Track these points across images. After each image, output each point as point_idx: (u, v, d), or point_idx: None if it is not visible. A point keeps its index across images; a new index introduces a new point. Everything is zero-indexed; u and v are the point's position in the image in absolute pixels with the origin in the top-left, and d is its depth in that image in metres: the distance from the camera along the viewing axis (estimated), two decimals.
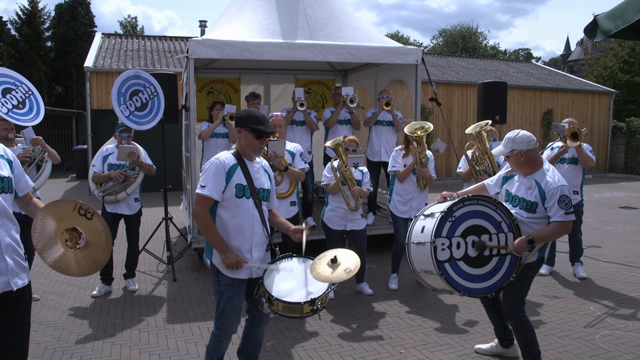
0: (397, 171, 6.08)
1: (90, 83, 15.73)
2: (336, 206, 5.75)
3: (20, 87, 5.75)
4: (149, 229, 8.07)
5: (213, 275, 3.62)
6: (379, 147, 7.88)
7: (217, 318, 3.62)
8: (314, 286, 3.42)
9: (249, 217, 3.55)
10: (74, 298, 5.99)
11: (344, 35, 7.70)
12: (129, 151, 5.89)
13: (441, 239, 3.69)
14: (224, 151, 3.65)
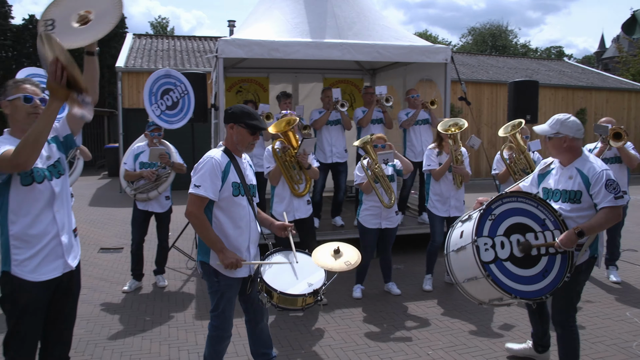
0: (432, 170, 6.02)
1: (122, 83, 16.00)
2: (371, 205, 5.71)
3: None
4: (179, 227, 8.17)
5: (210, 277, 3.52)
6: (420, 146, 7.79)
7: (215, 318, 3.56)
8: (312, 278, 3.49)
9: (246, 215, 3.53)
10: (105, 293, 6.10)
11: (372, 34, 7.67)
12: (159, 153, 5.97)
13: (483, 238, 3.44)
14: (214, 149, 3.58)
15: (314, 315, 5.36)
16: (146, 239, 6.33)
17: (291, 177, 5.50)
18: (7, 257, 2.85)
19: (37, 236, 2.87)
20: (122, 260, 7.54)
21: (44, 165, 2.94)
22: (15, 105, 2.90)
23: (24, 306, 2.87)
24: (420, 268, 6.82)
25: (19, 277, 2.84)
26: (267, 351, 3.84)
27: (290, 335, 4.88)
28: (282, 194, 5.54)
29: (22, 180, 2.83)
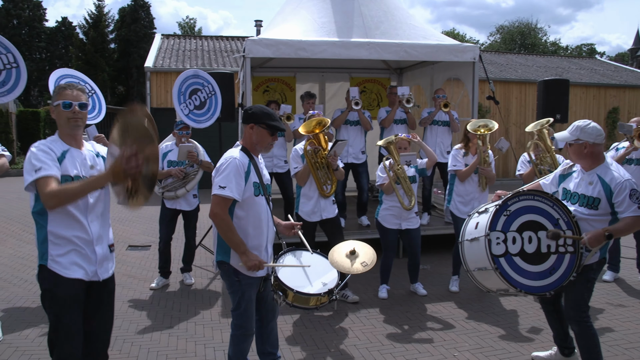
0: (458, 170, 5.96)
1: (150, 82, 16.20)
2: (391, 205, 5.70)
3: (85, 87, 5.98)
4: (206, 225, 8.24)
5: (230, 276, 3.53)
6: (434, 147, 7.76)
7: (238, 317, 3.57)
8: (326, 277, 3.58)
9: (265, 215, 3.56)
10: (134, 289, 6.19)
11: (400, 33, 7.63)
12: (188, 150, 6.04)
13: (496, 232, 3.58)
14: (233, 149, 3.58)
15: (339, 314, 5.36)
16: (174, 237, 6.41)
17: (320, 177, 5.51)
18: (45, 252, 2.94)
19: (67, 238, 2.94)
20: (149, 258, 7.65)
21: (86, 174, 3.02)
22: (58, 110, 3.01)
23: (63, 300, 2.93)
24: (446, 269, 6.77)
25: (54, 272, 2.91)
26: (273, 351, 3.86)
27: (315, 334, 4.89)
28: (309, 194, 5.55)
29: None
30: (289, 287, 3.39)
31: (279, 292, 3.43)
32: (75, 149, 3.03)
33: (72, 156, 2.99)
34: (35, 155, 2.86)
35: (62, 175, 2.91)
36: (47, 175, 2.81)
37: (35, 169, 2.82)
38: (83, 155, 3.06)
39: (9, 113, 19.19)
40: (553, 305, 4.12)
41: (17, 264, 7.16)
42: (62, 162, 2.93)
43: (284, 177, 7.45)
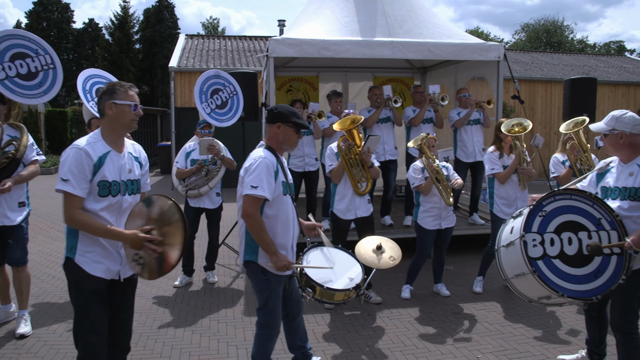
0: (497, 173, 5.87)
1: (174, 82, 16.39)
2: (430, 207, 5.63)
3: None
4: (229, 224, 8.30)
5: (259, 275, 3.54)
6: (472, 147, 7.68)
7: (264, 315, 3.59)
8: (351, 272, 3.66)
9: (291, 213, 3.60)
10: (157, 287, 6.26)
11: (423, 32, 7.59)
12: (208, 143, 6.05)
13: (532, 234, 3.38)
14: (259, 149, 3.60)
15: (362, 315, 5.35)
16: (197, 236, 6.46)
17: (354, 175, 5.50)
18: (74, 245, 2.99)
19: (95, 238, 3.00)
20: None
21: (124, 178, 3.07)
22: (122, 110, 3.01)
23: (87, 293, 2.99)
24: (469, 270, 6.71)
25: (79, 266, 2.98)
26: (303, 344, 3.92)
27: (337, 334, 4.89)
28: (344, 191, 5.56)
29: (100, 192, 2.97)
30: (317, 284, 3.45)
31: (308, 288, 3.47)
32: (115, 152, 3.05)
33: (112, 160, 3.02)
34: (71, 164, 2.89)
35: (100, 181, 2.96)
36: (71, 193, 2.88)
37: (63, 178, 2.88)
38: (122, 159, 3.09)
39: (38, 113, 19.57)
40: (597, 311, 3.95)
41: (45, 260, 7.29)
42: (100, 167, 2.96)
43: (314, 175, 7.50)
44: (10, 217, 4.70)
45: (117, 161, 3.05)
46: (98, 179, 2.95)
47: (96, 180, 2.95)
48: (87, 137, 3.04)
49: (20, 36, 4.80)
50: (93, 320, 3.02)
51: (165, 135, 24.71)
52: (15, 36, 4.77)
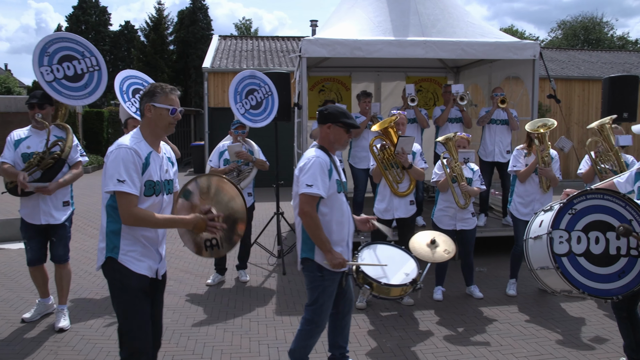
0: (517, 171, 5.82)
1: (208, 83, 16.57)
2: (446, 205, 5.63)
3: None
4: (261, 223, 8.35)
5: (314, 272, 3.62)
6: (492, 146, 7.61)
7: (312, 311, 3.64)
8: (406, 267, 3.75)
9: (346, 211, 3.67)
10: (190, 285, 6.35)
11: (457, 31, 7.51)
12: (236, 150, 6.12)
13: (559, 231, 3.43)
14: (311, 149, 3.70)
15: (393, 316, 5.33)
16: None
17: (391, 175, 5.49)
18: (116, 245, 3.02)
19: (136, 236, 3.05)
20: None
21: (163, 178, 3.14)
22: (160, 113, 3.05)
23: (134, 291, 3.04)
24: (503, 272, 6.61)
25: (125, 265, 3.02)
26: (344, 344, 3.94)
27: (369, 334, 4.87)
28: (383, 192, 5.58)
29: (146, 191, 3.02)
30: (374, 280, 3.54)
31: (365, 285, 3.51)
32: (155, 152, 3.11)
33: (154, 160, 3.08)
34: (125, 163, 2.91)
35: (147, 180, 3.00)
36: (130, 192, 2.89)
37: (119, 179, 2.88)
38: (161, 159, 3.16)
39: (76, 113, 20.04)
40: (627, 311, 3.87)
41: (82, 257, 7.47)
42: (147, 167, 3.01)
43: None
44: (55, 216, 4.86)
45: (157, 161, 3.11)
46: (145, 178, 2.99)
47: (144, 180, 2.99)
48: (129, 137, 3.05)
49: (68, 39, 4.92)
50: (141, 317, 3.07)
51: (198, 135, 25.01)
52: (64, 39, 4.90)
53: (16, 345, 4.58)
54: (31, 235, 4.89)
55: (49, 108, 4.85)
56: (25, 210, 4.85)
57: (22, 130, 4.90)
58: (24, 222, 4.88)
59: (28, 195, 4.74)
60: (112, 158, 2.94)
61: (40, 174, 4.73)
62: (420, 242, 4.08)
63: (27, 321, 5.05)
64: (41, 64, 4.77)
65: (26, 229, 4.89)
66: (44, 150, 4.74)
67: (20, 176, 4.53)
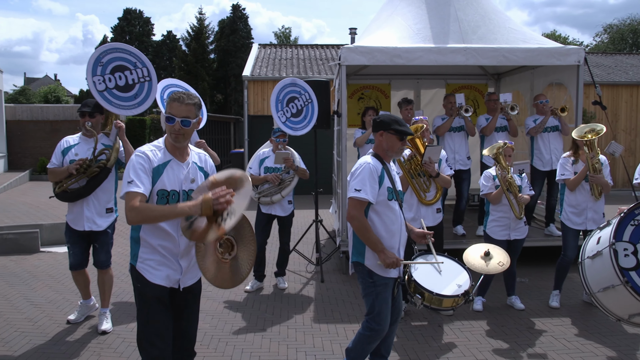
0: (566, 179, 5.68)
1: (248, 91, 16.75)
2: (499, 216, 5.52)
3: None
4: (300, 230, 8.38)
5: (365, 277, 3.64)
6: (549, 155, 7.46)
7: (371, 319, 3.63)
8: (459, 279, 3.68)
9: (398, 219, 3.65)
10: (229, 291, 6.39)
11: (498, 37, 7.40)
12: (284, 156, 6.18)
13: (623, 243, 3.20)
14: (366, 156, 3.73)
15: (432, 326, 5.26)
16: (268, 242, 6.57)
17: (418, 184, 5.45)
18: (136, 253, 3.08)
19: (154, 246, 3.04)
20: None
21: (185, 188, 3.08)
22: (163, 120, 3.08)
23: (150, 300, 3.05)
24: (546, 283, 6.45)
25: (141, 274, 3.06)
26: (386, 355, 3.92)
27: (407, 344, 4.82)
28: (410, 201, 5.52)
29: (158, 201, 3.00)
30: (428, 290, 3.50)
31: (417, 295, 3.50)
32: (176, 161, 3.07)
33: (172, 169, 3.04)
34: (134, 167, 2.93)
35: (159, 190, 2.98)
36: (134, 191, 2.86)
37: (128, 181, 2.90)
38: (184, 168, 3.09)
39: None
40: None
41: (124, 261, 7.64)
42: (160, 176, 2.98)
43: None
44: (97, 222, 5.00)
45: (177, 170, 3.06)
46: (157, 187, 2.97)
47: (155, 189, 2.97)
48: (151, 144, 3.10)
49: (122, 49, 5.02)
50: (156, 325, 3.06)
51: (238, 143, 25.31)
52: (118, 49, 5.00)
53: (62, 346, 4.74)
54: (74, 241, 5.04)
55: (99, 117, 5.00)
56: (70, 216, 5.01)
57: (73, 137, 5.06)
58: (68, 227, 5.04)
59: (74, 200, 4.90)
60: (129, 162, 2.99)
61: (86, 181, 4.88)
62: (474, 254, 4.06)
63: (72, 322, 5.22)
64: (94, 73, 4.87)
65: (70, 234, 5.04)
66: (91, 159, 4.88)
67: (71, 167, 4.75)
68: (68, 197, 4.89)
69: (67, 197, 4.90)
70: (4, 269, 7.29)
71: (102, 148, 4.94)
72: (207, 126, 6.58)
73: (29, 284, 6.60)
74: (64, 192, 4.86)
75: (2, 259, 7.91)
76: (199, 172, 3.19)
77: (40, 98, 33.75)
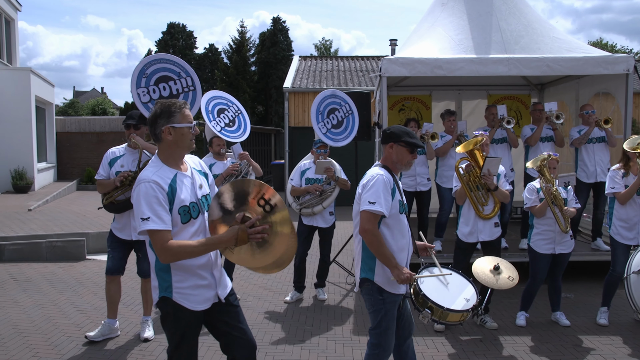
0: (617, 193, 5.51)
1: (288, 102, 16.90)
2: (544, 229, 5.39)
3: (232, 107, 6.43)
4: (340, 242, 8.38)
5: (374, 295, 3.53)
6: (594, 166, 7.25)
7: (377, 335, 3.55)
8: (465, 293, 3.57)
9: (407, 232, 3.58)
10: (269, 301, 6.45)
11: (541, 47, 7.29)
12: (325, 166, 6.21)
13: None
14: (375, 167, 3.63)
15: (474, 340, 5.17)
16: (309, 253, 6.59)
17: (476, 198, 5.38)
18: (169, 285, 2.89)
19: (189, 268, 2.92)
20: (285, 272, 7.89)
21: (199, 196, 2.99)
22: (182, 132, 2.89)
23: (187, 324, 2.97)
24: (592, 299, 6.26)
25: (179, 304, 2.91)
26: None
27: (448, 359, 4.75)
28: (467, 214, 5.44)
29: (182, 219, 2.86)
30: (436, 304, 3.40)
31: (426, 309, 3.44)
32: (180, 173, 2.94)
33: (182, 182, 2.91)
34: (145, 200, 2.75)
35: (180, 207, 2.83)
36: (156, 228, 2.72)
37: (142, 217, 2.72)
38: (189, 177, 2.99)
39: None
40: None
41: None
42: (174, 194, 2.83)
43: (425, 195, 7.48)
44: None
45: (185, 181, 2.94)
46: (177, 206, 2.83)
47: (176, 209, 2.82)
48: (149, 167, 2.88)
49: (166, 60, 5.10)
50: (189, 349, 3.02)
51: (278, 154, 25.50)
52: (162, 60, 5.08)
53: (107, 351, 4.89)
54: (115, 246, 5.12)
55: (143, 128, 5.09)
56: (117, 225, 5.10)
57: (118, 148, 5.16)
58: (112, 234, 5.13)
59: (122, 212, 5.01)
60: (134, 197, 2.80)
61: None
62: (483, 267, 3.92)
63: (90, 339, 5.06)
64: (139, 85, 4.97)
65: (112, 239, 5.12)
66: (135, 170, 4.99)
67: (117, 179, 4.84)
68: (115, 208, 5.00)
69: (114, 209, 5.01)
70: (52, 276, 7.54)
71: (146, 159, 5.03)
72: (248, 138, 6.67)
73: (75, 291, 6.80)
74: (112, 203, 4.99)
75: (51, 265, 8.19)
76: (201, 175, 3.11)
77: (88, 110, 34.93)
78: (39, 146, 18.03)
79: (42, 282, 7.21)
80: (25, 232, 9.74)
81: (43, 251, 8.67)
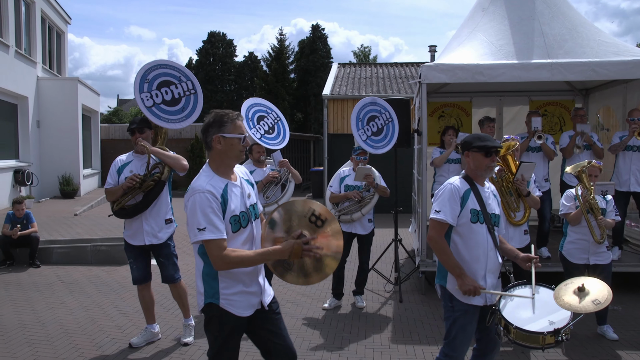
0: None
1: (328, 109, 16.94)
2: (577, 238, 5.27)
3: (271, 114, 6.48)
4: (379, 249, 8.34)
5: (446, 301, 3.56)
6: (627, 175, 7.03)
7: (446, 345, 3.54)
8: (555, 315, 3.23)
9: (483, 243, 3.48)
10: (307, 308, 6.46)
11: (587, 51, 7.09)
12: (365, 173, 6.20)
13: None
14: (455, 176, 3.64)
15: (516, 352, 5.05)
16: (347, 260, 6.58)
17: (507, 203, 5.29)
18: (216, 291, 2.94)
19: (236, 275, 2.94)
20: None
21: (248, 205, 3.03)
22: (231, 143, 2.92)
23: (231, 329, 3.00)
24: None
25: (226, 310, 2.95)
26: None
27: None
28: None
29: (232, 228, 2.90)
30: (508, 322, 3.22)
31: (502, 327, 3.28)
32: (231, 182, 2.98)
33: (232, 192, 2.95)
34: (201, 210, 2.80)
35: (231, 216, 2.89)
36: (213, 238, 2.78)
37: (199, 228, 2.78)
38: (239, 187, 3.03)
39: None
40: None
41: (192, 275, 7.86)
42: (227, 204, 2.88)
43: None
44: (158, 235, 5.06)
45: (236, 191, 2.98)
46: (229, 216, 2.89)
47: (227, 218, 2.88)
48: (201, 176, 2.93)
49: (165, 65, 5.17)
50: (230, 355, 3.04)
51: (317, 161, 25.59)
52: (162, 65, 5.14)
53: (148, 353, 5.00)
54: (135, 256, 5.12)
55: (148, 132, 5.11)
56: (128, 232, 5.10)
57: (125, 155, 5.18)
58: (127, 244, 5.13)
59: (132, 216, 5.00)
60: (189, 207, 2.85)
61: (142, 196, 4.97)
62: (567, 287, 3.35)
63: (133, 346, 5.14)
64: (142, 90, 5.04)
65: (130, 250, 5.13)
66: (145, 174, 4.99)
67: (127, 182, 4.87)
68: (126, 213, 4.98)
69: (125, 214, 5.00)
70: (97, 279, 7.75)
71: (155, 163, 5.01)
72: (288, 145, 6.72)
73: (118, 294, 6.97)
74: (122, 209, 4.97)
75: (96, 269, 8.42)
76: (248, 185, 3.14)
77: (131, 118, 35.77)
78: (85, 153, 18.62)
79: (87, 285, 7.42)
80: (72, 236, 10.07)
81: (88, 255, 8.94)
